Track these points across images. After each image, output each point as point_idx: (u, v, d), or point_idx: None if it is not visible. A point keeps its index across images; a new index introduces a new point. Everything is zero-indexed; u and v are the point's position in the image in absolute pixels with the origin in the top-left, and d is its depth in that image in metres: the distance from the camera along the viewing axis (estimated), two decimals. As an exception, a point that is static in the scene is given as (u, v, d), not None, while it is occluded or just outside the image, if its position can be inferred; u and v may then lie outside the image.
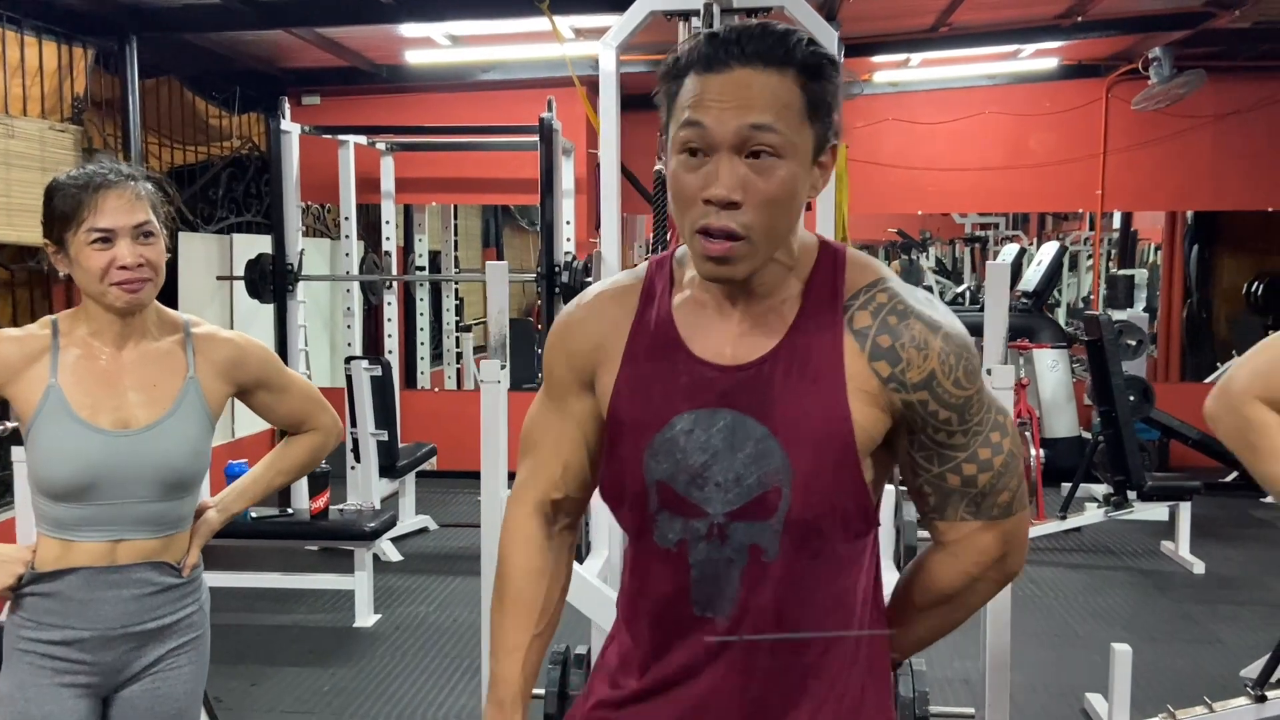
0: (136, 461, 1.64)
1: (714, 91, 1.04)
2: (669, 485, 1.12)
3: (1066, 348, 6.62)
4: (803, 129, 1.05)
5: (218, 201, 6.23)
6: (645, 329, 1.16)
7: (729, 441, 1.10)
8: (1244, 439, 1.51)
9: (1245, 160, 6.73)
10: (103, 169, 1.65)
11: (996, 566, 1.18)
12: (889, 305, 1.11)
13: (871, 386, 1.09)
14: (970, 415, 1.12)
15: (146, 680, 1.70)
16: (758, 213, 1.04)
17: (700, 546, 1.12)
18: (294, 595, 4.44)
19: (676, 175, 1.07)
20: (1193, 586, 4.63)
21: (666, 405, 1.13)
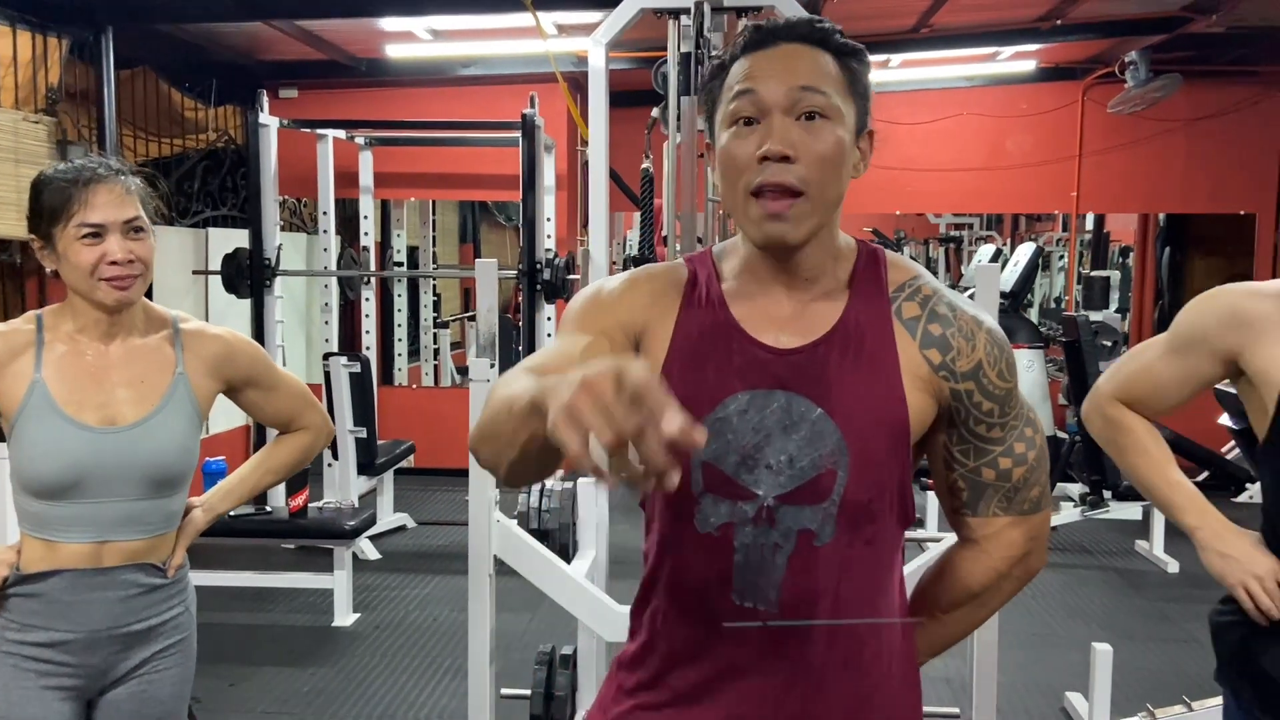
0: (123, 459, 1.61)
1: (763, 63, 1.09)
2: (716, 466, 1.10)
3: (1043, 348, 6.67)
4: (846, 100, 1.10)
5: (193, 195, 6.15)
6: (696, 307, 1.15)
7: (783, 423, 1.09)
8: (1109, 437, 1.64)
9: (1218, 164, 6.82)
10: (92, 163, 1.62)
11: (1022, 563, 1.19)
12: (934, 297, 1.14)
13: (924, 373, 1.11)
14: (1009, 409, 1.14)
15: (132, 683, 1.67)
16: (811, 168, 1.06)
17: (746, 530, 1.10)
18: (272, 594, 4.40)
19: (727, 148, 1.09)
20: (1167, 585, 4.68)
21: (720, 384, 1.11)
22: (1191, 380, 1.55)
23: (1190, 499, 1.57)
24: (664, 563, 1.16)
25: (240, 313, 5.39)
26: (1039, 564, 1.21)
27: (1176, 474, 1.60)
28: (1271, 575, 1.45)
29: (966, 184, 7.17)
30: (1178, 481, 1.59)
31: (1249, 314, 1.46)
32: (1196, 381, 1.55)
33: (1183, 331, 1.55)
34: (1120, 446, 1.63)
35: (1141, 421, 1.62)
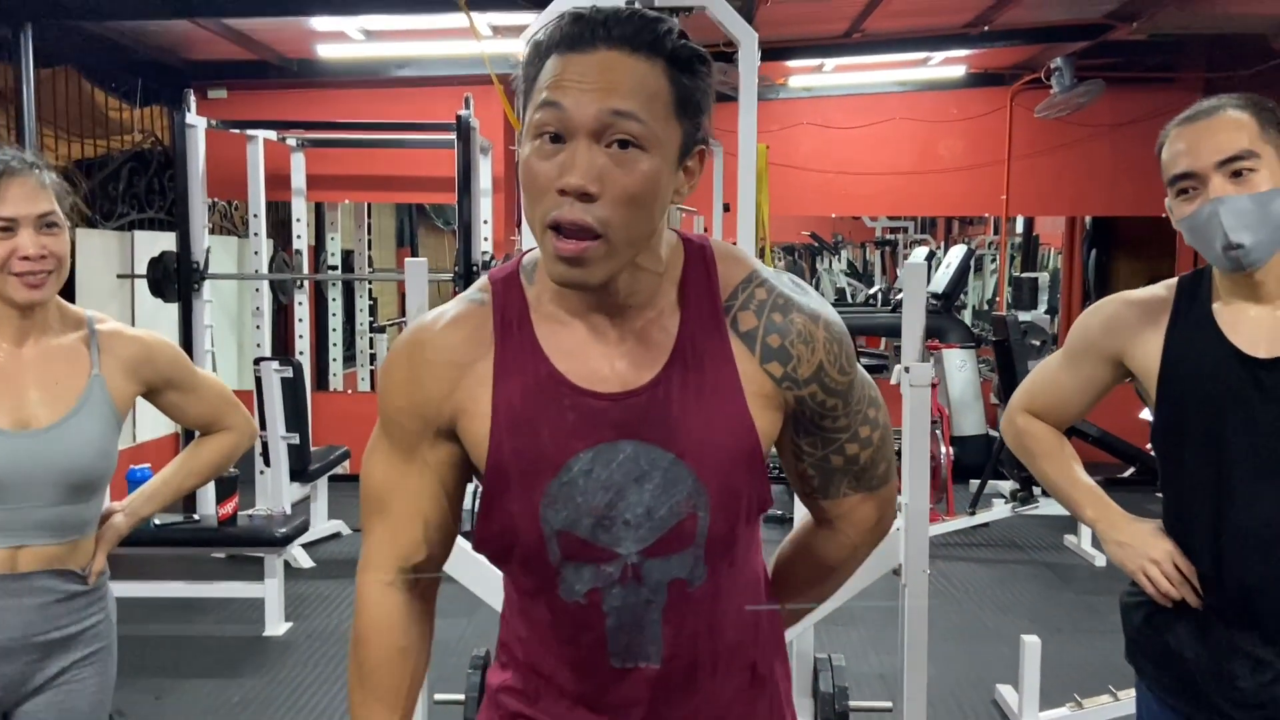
0: (38, 463, 1.56)
1: (575, 72, 0.95)
2: (571, 533, 1.03)
3: (974, 348, 6.80)
4: (669, 124, 0.97)
5: (118, 197, 6.00)
6: (512, 362, 1.04)
7: (633, 474, 1.02)
8: (1019, 445, 1.73)
9: (1141, 168, 6.97)
10: (4, 156, 1.57)
11: (873, 531, 1.20)
12: (770, 301, 1.06)
13: (767, 389, 1.06)
14: (851, 398, 1.11)
15: (50, 693, 1.62)
16: (615, 208, 0.94)
17: (614, 592, 1.04)
18: (201, 604, 4.29)
19: (529, 163, 0.97)
20: (1095, 579, 4.80)
21: (558, 447, 1.02)
22: (1090, 386, 1.65)
23: (1089, 494, 1.66)
24: (530, 634, 1.11)
25: (168, 317, 5.28)
26: (888, 526, 1.22)
27: (1079, 474, 1.69)
28: (1168, 558, 1.52)
29: (900, 187, 7.29)
30: (1079, 480, 1.68)
31: (1124, 318, 1.58)
32: (1094, 386, 1.65)
33: (1074, 343, 1.66)
34: (1030, 453, 1.72)
35: (1047, 428, 1.71)
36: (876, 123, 7.16)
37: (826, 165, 7.14)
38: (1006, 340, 5.37)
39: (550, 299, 1.05)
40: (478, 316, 1.07)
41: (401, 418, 1.08)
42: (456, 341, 1.06)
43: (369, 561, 1.13)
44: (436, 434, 1.07)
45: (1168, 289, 1.57)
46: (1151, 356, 1.53)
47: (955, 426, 6.39)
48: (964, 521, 5.30)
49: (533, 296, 1.06)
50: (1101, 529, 1.62)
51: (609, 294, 1.02)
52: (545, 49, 0.98)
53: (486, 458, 1.04)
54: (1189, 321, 1.52)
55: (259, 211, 5.87)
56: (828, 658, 2.81)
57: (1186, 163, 1.47)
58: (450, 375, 1.06)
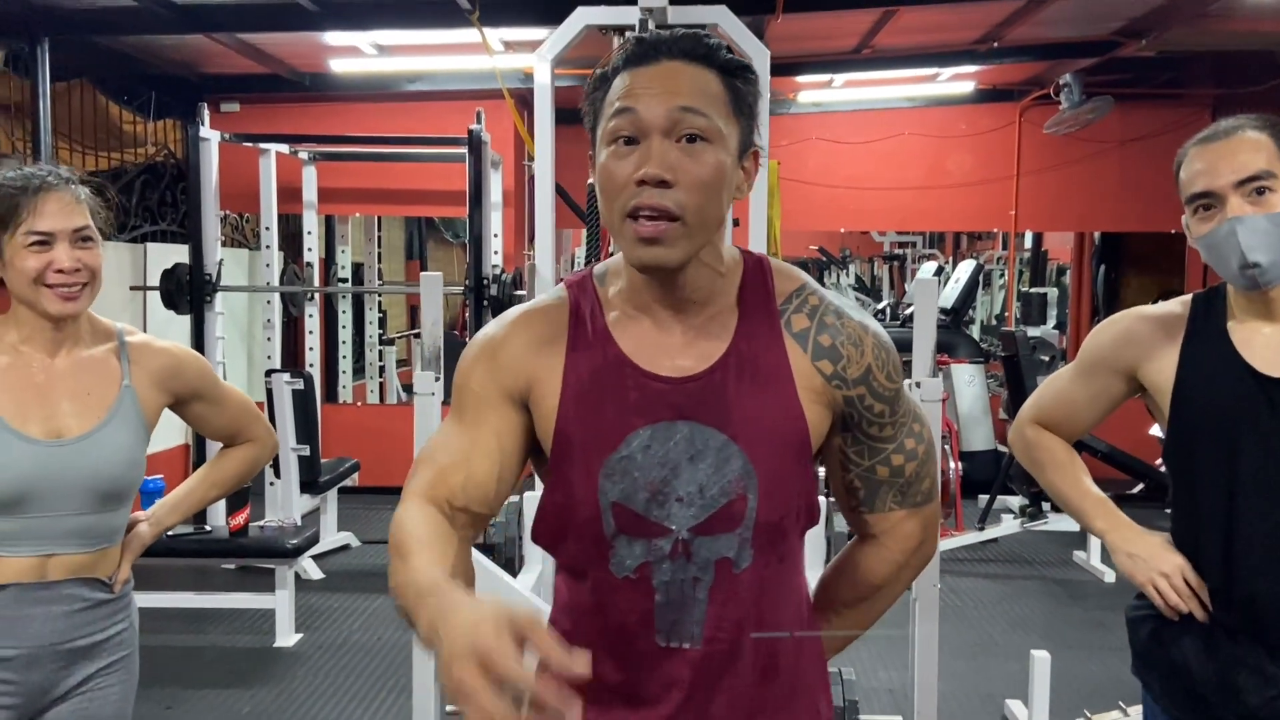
0: (70, 472, 1.59)
1: (644, 81, 1.07)
2: (626, 505, 1.09)
3: (983, 363, 6.81)
4: (729, 121, 1.08)
5: (131, 210, 6.04)
6: (583, 347, 1.13)
7: (688, 453, 1.09)
8: (1029, 457, 1.75)
9: (1150, 184, 7.00)
10: (42, 171, 1.60)
11: (918, 552, 1.23)
12: (821, 307, 1.15)
13: (817, 385, 1.12)
14: (898, 407, 1.16)
15: (74, 700, 1.64)
16: (690, 193, 1.04)
17: (664, 567, 1.09)
18: (211, 615, 4.31)
19: (606, 166, 1.07)
20: (1104, 594, 4.78)
21: (620, 423, 1.10)
22: (1101, 399, 1.67)
23: (1100, 506, 1.67)
24: (581, 608, 1.15)
25: (180, 329, 5.30)
26: (932, 550, 1.25)
27: (1088, 485, 1.70)
28: (1178, 572, 1.53)
29: (909, 202, 7.30)
30: (1089, 491, 1.69)
31: (1138, 334, 1.59)
32: (1105, 400, 1.66)
33: (1087, 356, 1.68)
34: (1039, 464, 1.73)
35: (1057, 440, 1.72)
36: (885, 138, 7.18)
37: (835, 180, 7.16)
38: (1015, 355, 5.38)
39: (619, 298, 1.14)
40: (555, 308, 1.16)
41: (475, 385, 1.15)
42: (535, 324, 1.16)
43: (405, 495, 1.12)
44: (508, 399, 1.14)
45: (1183, 305, 1.59)
46: (1165, 373, 1.54)
47: (964, 442, 6.39)
48: (973, 537, 5.29)
49: (604, 295, 1.16)
50: (1112, 540, 1.63)
51: (675, 288, 1.10)
52: (610, 73, 1.10)
53: (554, 427, 1.11)
54: (1203, 339, 1.53)
55: (271, 224, 5.91)
56: (838, 672, 2.82)
57: (1205, 182, 1.48)
58: (528, 350, 1.14)
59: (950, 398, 6.49)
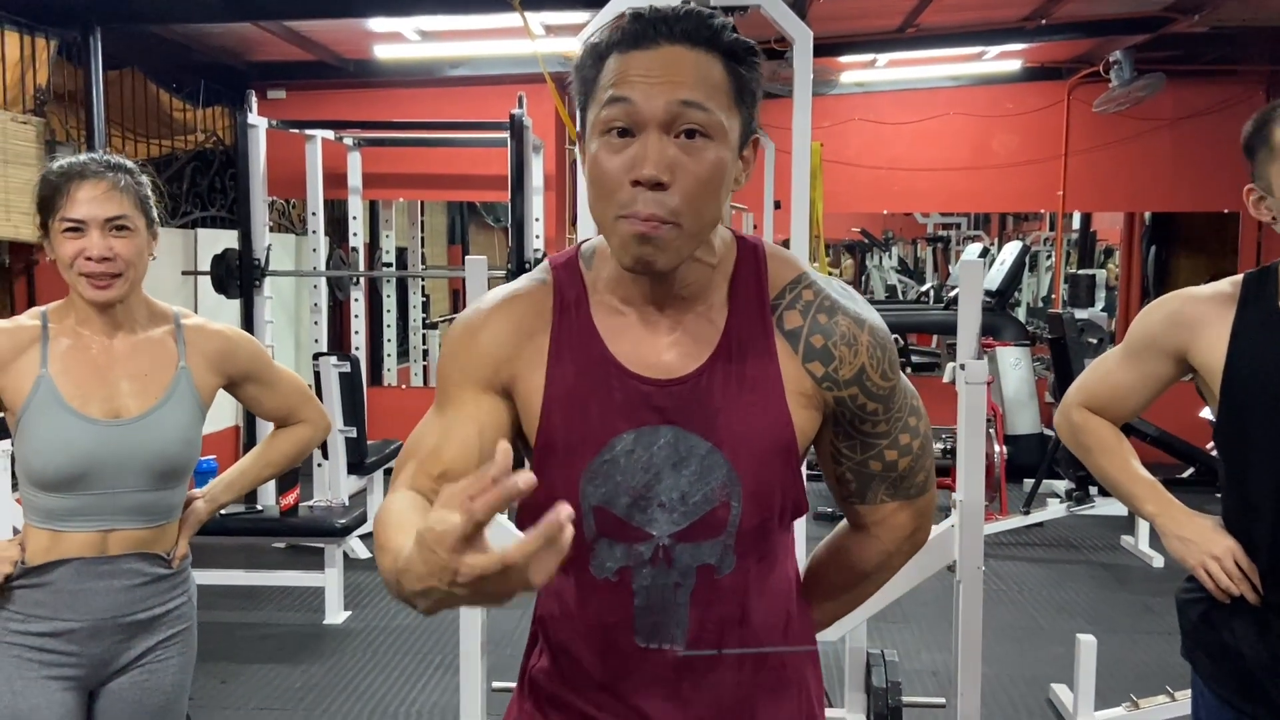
0: (128, 451, 1.64)
1: (641, 67, 0.98)
2: (608, 509, 1.06)
3: (1029, 346, 6.72)
4: (731, 113, 1.01)
5: (182, 196, 6.15)
6: (567, 340, 1.08)
7: (671, 459, 1.05)
8: (1075, 441, 1.73)
9: (1202, 162, 6.88)
10: (91, 160, 1.64)
11: (910, 540, 1.20)
12: (816, 302, 1.09)
13: (807, 388, 1.08)
14: (892, 404, 1.12)
15: (134, 672, 1.70)
16: (687, 196, 0.98)
17: (644, 572, 1.07)
18: (263, 592, 4.40)
19: (597, 160, 0.99)
20: (1153, 580, 4.73)
21: (604, 425, 1.06)
22: (1150, 382, 1.65)
23: (1149, 489, 1.66)
24: (565, 602, 1.12)
25: (230, 313, 5.40)
26: (925, 537, 1.22)
27: (1137, 468, 1.68)
28: (1229, 555, 1.52)
29: (953, 183, 7.22)
30: (1138, 475, 1.67)
31: (1188, 315, 1.58)
32: (1154, 383, 1.65)
33: (1135, 338, 1.66)
34: (1085, 448, 1.72)
35: (1104, 423, 1.71)
36: (930, 118, 7.10)
37: (878, 161, 7.10)
38: (1062, 338, 5.31)
39: (606, 286, 1.09)
40: (539, 294, 1.11)
41: (457, 375, 1.09)
42: (519, 314, 1.10)
43: (388, 493, 1.10)
44: (488, 387, 1.09)
45: (1233, 285, 1.57)
46: (1216, 353, 1.53)
47: (1009, 425, 6.32)
48: (1018, 521, 5.25)
49: (590, 281, 1.10)
50: (1162, 524, 1.62)
51: (664, 283, 1.05)
52: (604, 49, 1.02)
53: (538, 427, 1.08)
54: (1255, 318, 1.51)
55: (317, 209, 5.98)
56: (880, 653, 2.82)
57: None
58: (511, 341, 1.09)
59: (995, 381, 6.43)
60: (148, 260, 1.68)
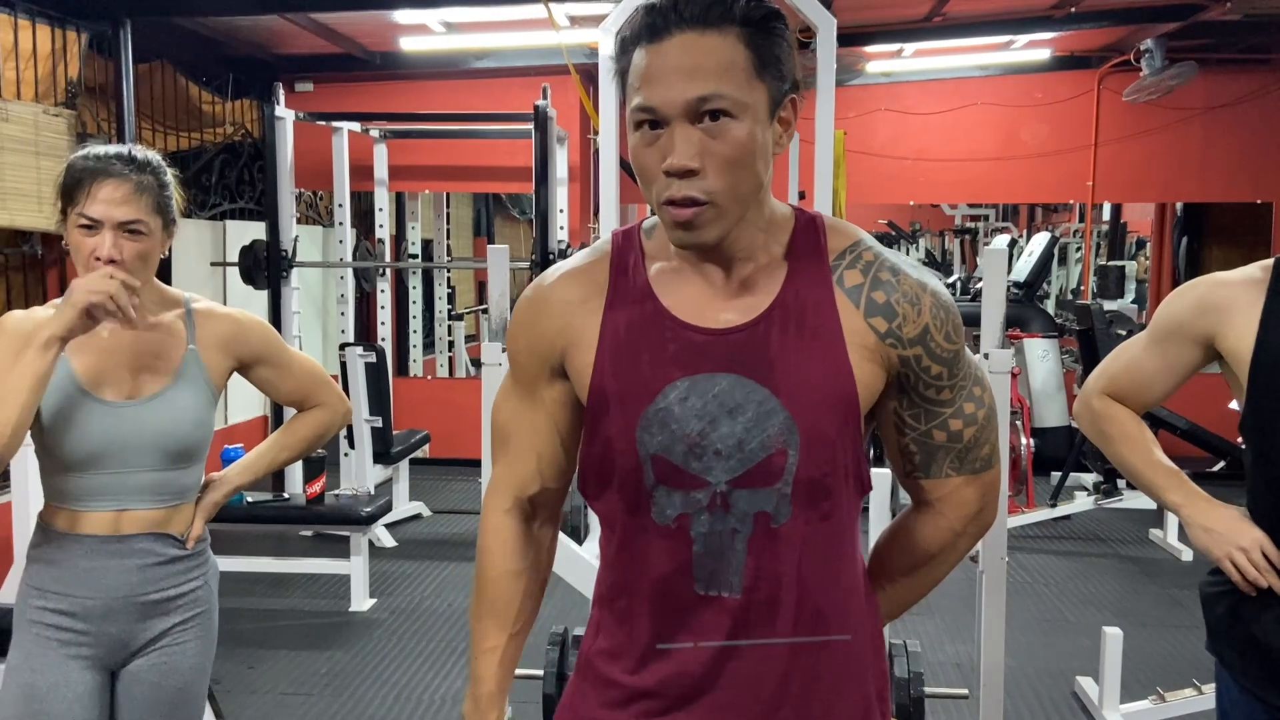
0: (140, 431, 1.67)
1: (657, 61, 1.02)
2: (665, 457, 1.08)
3: (1057, 338, 6.66)
4: (754, 87, 1.03)
5: (211, 188, 6.21)
6: (622, 301, 1.12)
7: (727, 407, 1.07)
8: (1096, 429, 1.70)
9: (1234, 152, 6.78)
10: (114, 154, 1.65)
11: (976, 520, 1.19)
12: (877, 263, 1.11)
13: (869, 342, 1.09)
14: (957, 370, 1.12)
15: (152, 654, 1.72)
16: (718, 176, 1.03)
17: (702, 519, 1.08)
18: (290, 580, 4.45)
19: (636, 152, 1.06)
20: (1181, 573, 4.68)
21: (657, 374, 1.08)
22: (1175, 369, 1.63)
23: (1173, 479, 1.63)
24: (623, 560, 1.15)
25: (258, 304, 5.45)
26: (992, 517, 1.21)
27: (1160, 458, 1.65)
28: (1255, 546, 1.50)
29: (981, 174, 7.16)
30: (1161, 464, 1.65)
31: (1217, 300, 1.55)
32: (1179, 370, 1.62)
33: (1161, 324, 1.63)
34: (1107, 436, 1.69)
35: (1126, 411, 1.68)
36: (957, 108, 7.04)
37: (905, 152, 7.05)
38: (1091, 330, 5.26)
39: (664, 251, 1.13)
40: (596, 265, 1.16)
41: (522, 358, 1.19)
42: (573, 284, 1.16)
43: (490, 492, 1.25)
44: (552, 373, 1.16)
45: (1263, 270, 1.54)
46: (1245, 339, 1.51)
47: (1036, 418, 6.26)
48: (1044, 514, 5.21)
49: (650, 247, 1.15)
50: (1186, 514, 1.59)
51: (721, 250, 1.09)
52: (629, 42, 1.06)
53: (590, 382, 1.12)
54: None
55: (344, 201, 6.02)
56: (903, 643, 2.81)
57: None
58: (564, 313, 1.15)
59: (1023, 373, 6.37)
60: (159, 256, 1.71)
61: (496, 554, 1.24)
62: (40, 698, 1.64)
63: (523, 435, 1.21)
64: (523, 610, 1.25)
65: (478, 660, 1.24)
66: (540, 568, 1.27)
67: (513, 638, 1.24)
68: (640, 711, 1.13)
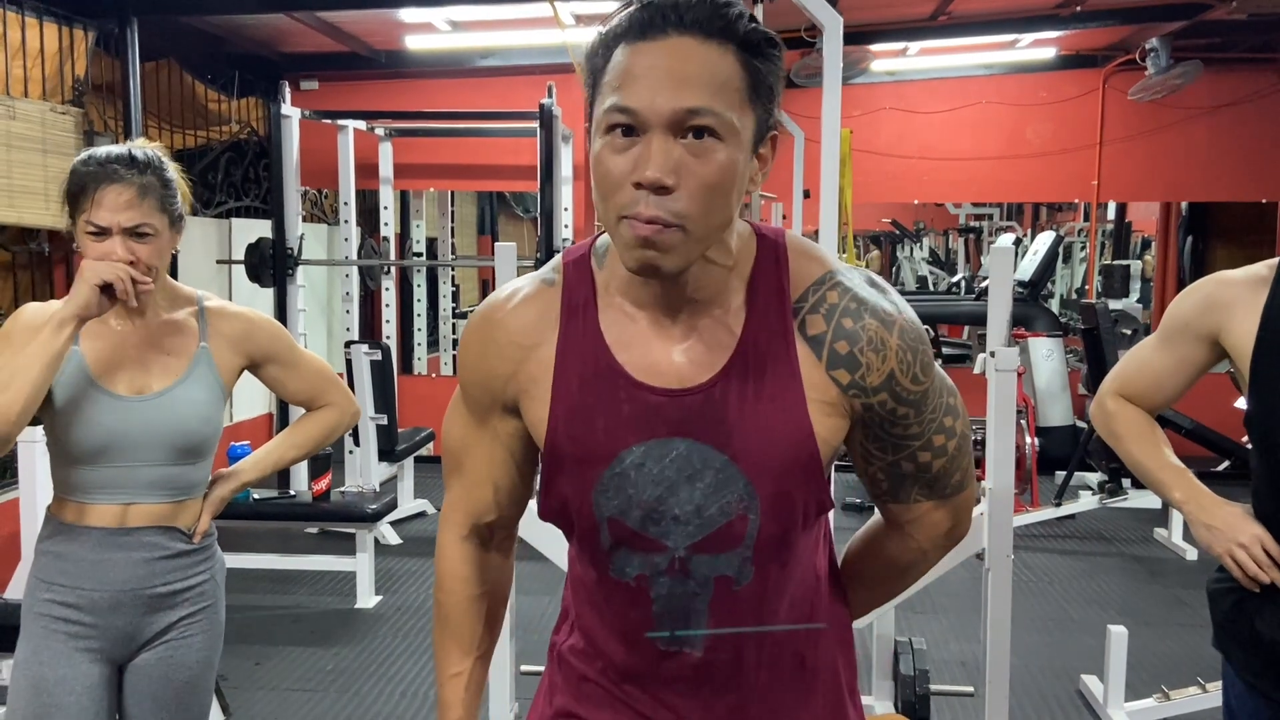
0: (150, 426, 1.68)
1: (646, 63, 0.92)
2: (621, 521, 1.04)
3: (1062, 337, 6.65)
4: (744, 112, 0.94)
5: (216, 186, 6.22)
6: (574, 351, 1.05)
7: (685, 473, 1.02)
8: (1108, 429, 1.73)
9: (1239, 152, 6.77)
10: (115, 157, 1.66)
11: (946, 537, 1.17)
12: (841, 305, 1.03)
13: (831, 396, 1.03)
14: (924, 407, 1.07)
15: (159, 648, 1.73)
16: (693, 200, 0.92)
17: (662, 581, 1.05)
18: (296, 577, 4.47)
19: (601, 158, 0.94)
20: (1185, 572, 4.68)
21: (611, 439, 1.03)
22: (1184, 368, 1.65)
23: (1178, 476, 1.65)
24: (585, 603, 1.14)
25: (264, 302, 5.46)
26: (963, 533, 1.18)
27: (1168, 456, 1.68)
28: (1256, 542, 1.51)
29: (986, 173, 7.16)
30: (1168, 462, 1.67)
31: (1222, 297, 1.58)
32: (1188, 368, 1.65)
33: (1169, 323, 1.66)
34: (1117, 435, 1.72)
35: (1138, 411, 1.71)
36: (962, 107, 7.04)
37: (909, 151, 7.04)
38: (1096, 329, 5.26)
39: (618, 287, 1.05)
40: (546, 297, 1.08)
41: (473, 389, 1.13)
42: (524, 323, 1.08)
43: (446, 517, 1.22)
44: (503, 408, 1.11)
45: (1268, 268, 1.56)
46: (1247, 335, 1.52)
47: (1041, 417, 6.26)
48: (1049, 513, 5.21)
49: (601, 282, 1.06)
50: (1190, 511, 1.61)
51: (676, 286, 1.00)
52: (612, 38, 0.96)
53: (544, 440, 1.07)
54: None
55: (349, 199, 6.03)
56: (908, 641, 2.82)
57: None
58: (515, 356, 1.08)
59: (1027, 372, 6.37)
60: (170, 253, 1.72)
61: (456, 580, 1.21)
62: (48, 690, 1.65)
63: (478, 465, 1.16)
64: (485, 634, 1.23)
65: (444, 687, 1.22)
66: (500, 588, 1.25)
67: (478, 660, 1.23)
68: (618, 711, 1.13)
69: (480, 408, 1.12)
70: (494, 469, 1.15)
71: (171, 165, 1.74)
